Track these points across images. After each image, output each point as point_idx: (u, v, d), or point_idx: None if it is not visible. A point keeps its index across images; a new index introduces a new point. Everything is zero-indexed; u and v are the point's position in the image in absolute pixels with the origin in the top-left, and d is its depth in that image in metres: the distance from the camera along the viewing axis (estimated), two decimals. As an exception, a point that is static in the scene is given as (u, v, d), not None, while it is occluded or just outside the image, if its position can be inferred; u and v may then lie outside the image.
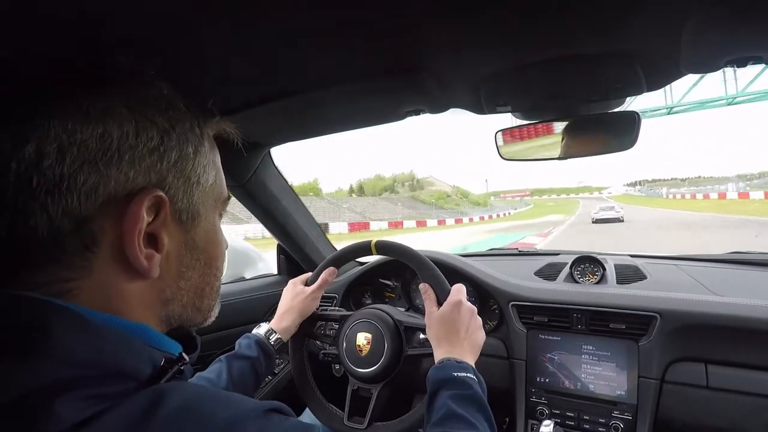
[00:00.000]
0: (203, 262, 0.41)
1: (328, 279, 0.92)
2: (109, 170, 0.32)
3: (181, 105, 0.38)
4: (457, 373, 0.65)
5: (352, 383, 0.86)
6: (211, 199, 0.41)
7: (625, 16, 0.48)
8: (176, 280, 0.39)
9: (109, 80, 0.34)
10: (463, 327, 0.73)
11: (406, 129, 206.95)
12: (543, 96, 0.72)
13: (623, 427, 0.95)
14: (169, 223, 0.36)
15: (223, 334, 1.21)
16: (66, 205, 0.31)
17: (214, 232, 0.43)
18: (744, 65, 0.54)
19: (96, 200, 0.32)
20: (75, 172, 0.31)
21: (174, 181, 0.36)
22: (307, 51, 0.55)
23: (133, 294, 0.35)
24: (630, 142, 0.72)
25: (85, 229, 0.32)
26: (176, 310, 0.39)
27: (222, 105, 0.73)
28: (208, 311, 0.44)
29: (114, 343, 0.32)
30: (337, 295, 1.32)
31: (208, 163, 0.40)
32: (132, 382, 0.32)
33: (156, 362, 0.35)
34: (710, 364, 0.91)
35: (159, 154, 0.35)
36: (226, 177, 1.04)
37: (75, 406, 0.27)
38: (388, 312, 0.88)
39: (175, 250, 0.38)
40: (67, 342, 0.30)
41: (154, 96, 0.36)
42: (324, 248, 1.39)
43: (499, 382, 1.10)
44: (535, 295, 1.09)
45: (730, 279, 1.15)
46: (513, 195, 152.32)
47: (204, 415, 0.31)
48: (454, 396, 0.62)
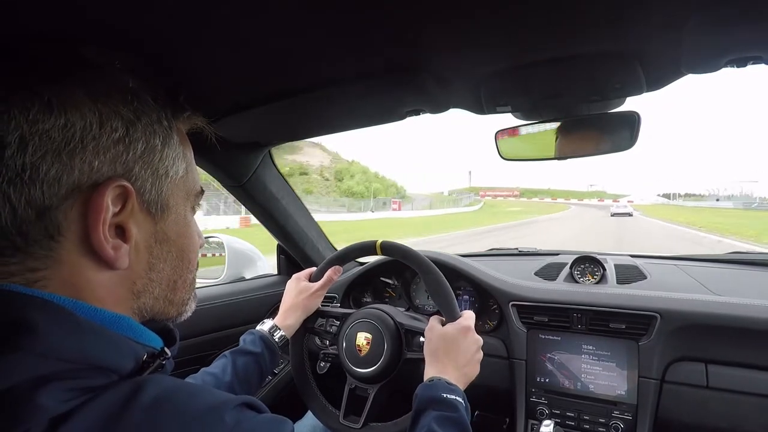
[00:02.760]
0: (174, 255, 0.41)
1: (333, 277, 0.90)
2: (73, 160, 0.32)
3: (147, 98, 0.38)
4: (446, 394, 0.63)
5: (349, 382, 0.86)
6: (182, 192, 0.42)
7: (625, 16, 0.48)
8: (147, 272, 0.39)
9: (73, 72, 0.35)
10: (464, 355, 0.71)
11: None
12: (543, 96, 0.72)
13: (623, 427, 0.95)
14: (137, 214, 0.37)
15: (223, 334, 1.21)
16: (29, 195, 0.31)
17: (185, 225, 0.43)
18: (744, 65, 0.54)
19: (59, 190, 0.32)
20: (37, 161, 0.31)
21: (141, 173, 0.37)
22: (307, 51, 0.55)
23: (103, 284, 0.35)
24: (630, 142, 0.72)
25: (48, 219, 0.32)
26: (148, 302, 0.40)
27: (222, 105, 0.73)
28: (182, 305, 0.44)
29: (97, 338, 0.33)
30: (337, 294, 1.32)
31: (177, 156, 0.41)
32: (114, 375, 0.33)
33: (138, 356, 0.36)
34: (710, 364, 0.91)
35: (124, 145, 0.35)
36: (226, 177, 1.04)
37: (57, 397, 0.28)
38: (389, 313, 0.87)
39: (145, 241, 0.38)
40: (51, 336, 0.30)
41: (119, 88, 0.36)
42: (324, 248, 1.39)
43: (499, 382, 1.10)
44: (535, 295, 1.09)
45: (730, 279, 1.15)
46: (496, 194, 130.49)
47: (181, 404, 0.31)
48: (439, 418, 0.60)
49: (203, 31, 0.47)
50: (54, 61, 0.35)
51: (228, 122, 0.78)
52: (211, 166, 0.99)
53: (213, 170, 1.01)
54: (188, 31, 0.47)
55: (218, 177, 1.05)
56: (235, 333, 1.24)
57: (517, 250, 1.60)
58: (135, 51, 0.47)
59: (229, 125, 0.80)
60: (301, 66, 0.60)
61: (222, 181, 1.07)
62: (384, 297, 1.37)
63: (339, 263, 0.94)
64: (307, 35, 0.50)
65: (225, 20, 0.45)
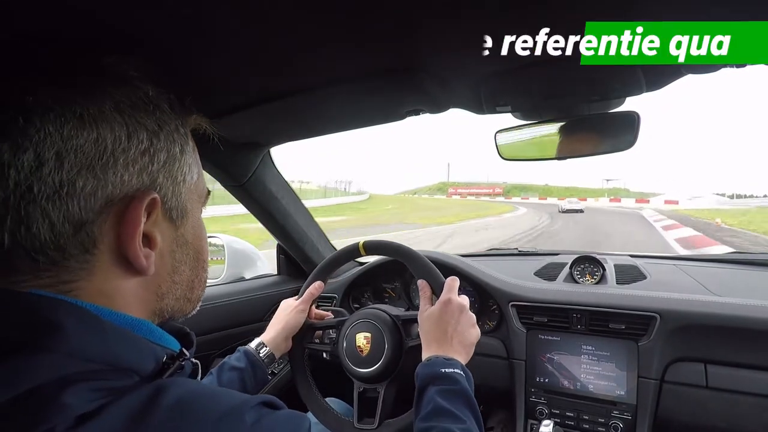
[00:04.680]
0: (192, 256, 0.43)
1: (314, 293, 0.94)
2: (106, 174, 0.33)
3: (165, 106, 0.39)
4: (444, 369, 0.66)
5: (357, 385, 0.86)
6: (195, 195, 0.43)
7: (624, 17, 0.48)
8: (171, 275, 0.40)
9: (100, 84, 0.35)
10: (451, 326, 0.73)
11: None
12: (543, 96, 0.72)
13: (623, 427, 0.95)
14: (160, 222, 0.38)
15: (223, 334, 1.21)
16: (67, 211, 0.31)
17: (199, 227, 0.44)
18: (744, 65, 0.54)
19: (95, 204, 0.33)
20: (74, 177, 0.31)
21: (164, 181, 0.37)
22: (307, 51, 0.55)
23: (131, 290, 0.37)
24: (630, 141, 0.72)
25: (84, 233, 0.33)
26: (170, 303, 0.41)
27: (222, 105, 0.73)
28: (197, 301, 0.46)
29: (121, 340, 0.34)
30: (337, 295, 1.32)
31: (192, 162, 0.42)
32: (136, 376, 0.34)
33: (158, 358, 0.37)
34: (710, 364, 0.91)
35: (149, 156, 0.36)
36: (226, 177, 1.04)
37: (83, 397, 0.28)
38: (384, 309, 0.89)
39: (168, 246, 0.39)
40: (78, 338, 0.31)
41: (141, 98, 0.37)
42: (324, 248, 1.39)
43: (499, 382, 1.10)
44: (535, 295, 1.09)
45: (730, 279, 1.16)
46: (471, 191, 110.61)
47: (202, 405, 0.32)
48: (441, 391, 0.62)
49: (203, 32, 0.47)
50: (83, 75, 0.35)
51: (228, 122, 0.78)
52: (211, 166, 0.99)
53: (213, 170, 1.01)
54: (188, 31, 0.47)
55: (218, 177, 1.04)
56: (234, 333, 1.24)
57: (517, 250, 1.60)
58: (135, 52, 0.47)
59: (229, 125, 0.80)
60: (301, 66, 0.60)
61: (222, 181, 1.07)
62: (384, 297, 1.37)
63: (324, 275, 0.96)
64: (307, 35, 0.50)
65: (224, 20, 0.45)
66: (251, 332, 1.29)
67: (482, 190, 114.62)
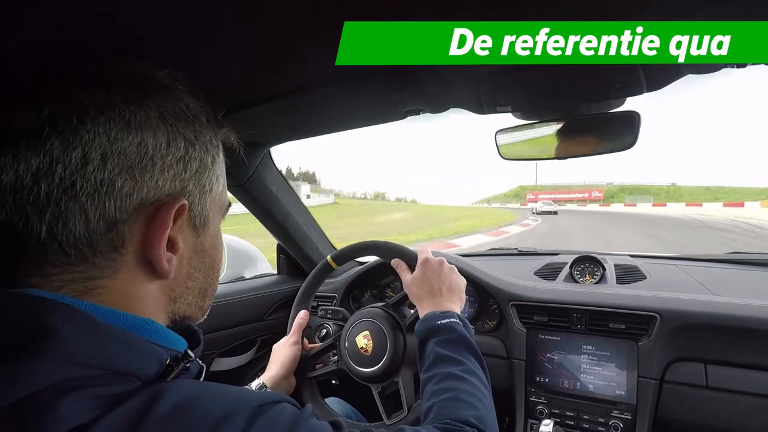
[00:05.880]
0: (207, 265, 0.43)
1: (302, 323, 0.95)
2: (143, 177, 0.34)
3: (203, 118, 0.41)
4: (440, 321, 0.69)
5: (375, 387, 0.86)
6: (218, 206, 0.44)
7: (624, 17, 0.48)
8: (185, 280, 0.41)
9: (150, 93, 0.37)
10: (436, 279, 0.77)
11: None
12: (543, 96, 0.72)
13: (622, 426, 0.95)
14: (184, 228, 0.39)
15: (223, 334, 1.21)
16: (103, 208, 0.33)
17: (218, 237, 0.45)
18: (744, 65, 0.54)
19: (129, 204, 0.34)
20: (114, 177, 0.33)
21: (193, 189, 0.39)
22: (307, 50, 0.55)
23: (150, 292, 0.38)
24: (630, 141, 0.72)
25: (116, 232, 0.34)
26: (182, 307, 0.42)
27: (222, 104, 0.73)
28: (206, 310, 0.47)
29: (119, 342, 0.33)
30: (337, 295, 1.32)
31: (220, 173, 0.44)
32: (137, 381, 0.33)
33: (162, 360, 0.36)
34: (709, 364, 0.91)
35: (184, 164, 0.38)
36: (226, 176, 1.05)
37: (80, 407, 0.28)
38: (372, 305, 0.91)
39: (187, 253, 0.40)
40: (72, 342, 0.30)
41: (182, 109, 0.39)
42: (323, 248, 1.39)
43: (499, 382, 1.10)
44: (535, 295, 1.09)
45: (730, 279, 1.16)
46: (557, 195, 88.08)
47: (196, 413, 0.31)
48: (440, 342, 0.67)
49: (203, 32, 0.47)
50: (134, 84, 0.37)
51: (228, 122, 0.78)
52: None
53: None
54: (188, 32, 0.47)
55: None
56: (235, 333, 1.24)
57: (517, 250, 1.60)
58: (135, 52, 0.47)
59: (229, 125, 0.79)
60: (301, 66, 0.60)
61: (222, 181, 1.07)
62: (384, 297, 1.37)
63: (306, 303, 0.98)
64: (307, 35, 0.50)
65: (225, 20, 0.45)
66: (251, 332, 1.29)
67: (571, 195, 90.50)
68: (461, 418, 0.56)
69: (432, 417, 0.58)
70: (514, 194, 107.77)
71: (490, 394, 0.64)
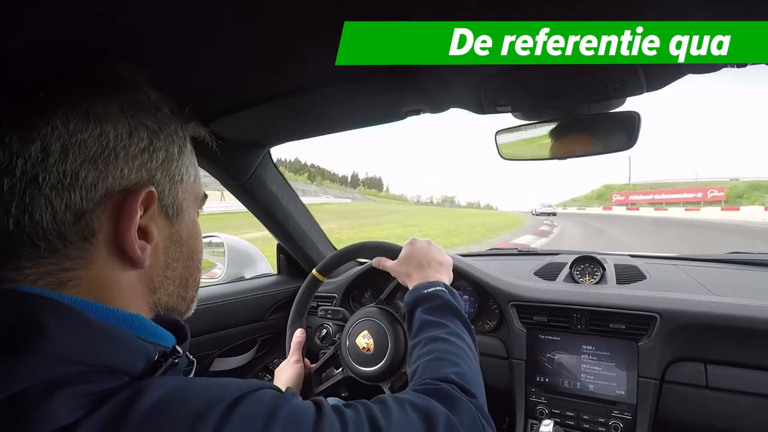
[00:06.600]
0: (186, 255, 0.44)
1: (299, 341, 0.95)
2: (108, 167, 0.35)
3: (166, 110, 0.41)
4: (426, 290, 0.71)
5: (385, 385, 0.86)
6: (191, 196, 0.45)
7: (624, 17, 0.48)
8: (163, 270, 0.42)
9: (107, 85, 0.38)
10: (422, 256, 0.79)
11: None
12: (543, 96, 0.72)
13: (623, 426, 0.95)
14: (157, 217, 0.40)
15: (223, 334, 1.21)
16: (69, 199, 0.33)
17: (194, 227, 0.46)
18: (744, 65, 0.54)
19: (95, 194, 0.34)
20: (77, 168, 0.33)
21: (162, 179, 0.39)
22: (307, 50, 0.55)
23: (127, 282, 0.38)
24: (630, 141, 0.72)
25: (84, 222, 0.34)
26: (163, 297, 0.42)
27: (222, 104, 0.73)
28: (191, 301, 0.47)
29: (107, 339, 0.34)
30: (337, 295, 1.32)
31: (190, 163, 0.44)
32: (125, 377, 0.33)
33: (150, 356, 0.37)
34: (710, 364, 0.91)
35: (149, 154, 0.38)
36: (226, 176, 1.04)
37: (70, 403, 0.28)
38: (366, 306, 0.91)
39: (162, 242, 0.41)
40: (61, 339, 0.31)
41: (143, 101, 0.39)
42: (324, 248, 1.39)
43: (499, 382, 1.10)
44: (535, 295, 1.09)
45: (730, 279, 1.16)
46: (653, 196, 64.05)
47: (177, 406, 0.30)
48: (426, 308, 0.68)
49: (203, 32, 0.47)
50: (93, 77, 0.38)
51: (228, 122, 0.78)
52: (211, 166, 0.99)
53: (213, 170, 1.01)
54: (188, 32, 0.47)
55: (218, 176, 1.05)
56: (234, 333, 1.24)
57: (517, 250, 1.60)
58: (135, 52, 0.47)
59: (229, 125, 0.80)
60: (301, 66, 0.60)
61: (222, 181, 1.07)
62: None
63: (300, 322, 0.98)
64: (307, 34, 0.50)
65: (225, 20, 0.45)
66: (251, 332, 1.29)
67: (676, 195, 61.89)
68: (440, 375, 0.56)
69: (415, 380, 0.58)
70: (597, 195, 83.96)
71: (474, 355, 0.64)
